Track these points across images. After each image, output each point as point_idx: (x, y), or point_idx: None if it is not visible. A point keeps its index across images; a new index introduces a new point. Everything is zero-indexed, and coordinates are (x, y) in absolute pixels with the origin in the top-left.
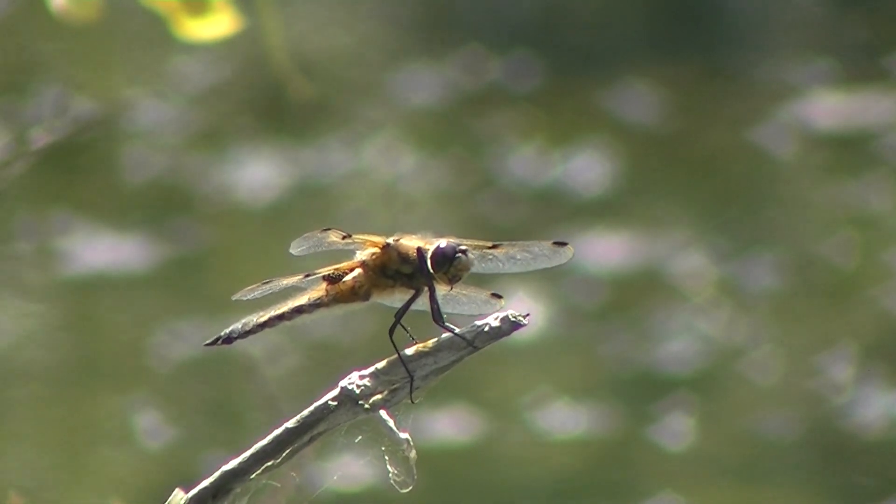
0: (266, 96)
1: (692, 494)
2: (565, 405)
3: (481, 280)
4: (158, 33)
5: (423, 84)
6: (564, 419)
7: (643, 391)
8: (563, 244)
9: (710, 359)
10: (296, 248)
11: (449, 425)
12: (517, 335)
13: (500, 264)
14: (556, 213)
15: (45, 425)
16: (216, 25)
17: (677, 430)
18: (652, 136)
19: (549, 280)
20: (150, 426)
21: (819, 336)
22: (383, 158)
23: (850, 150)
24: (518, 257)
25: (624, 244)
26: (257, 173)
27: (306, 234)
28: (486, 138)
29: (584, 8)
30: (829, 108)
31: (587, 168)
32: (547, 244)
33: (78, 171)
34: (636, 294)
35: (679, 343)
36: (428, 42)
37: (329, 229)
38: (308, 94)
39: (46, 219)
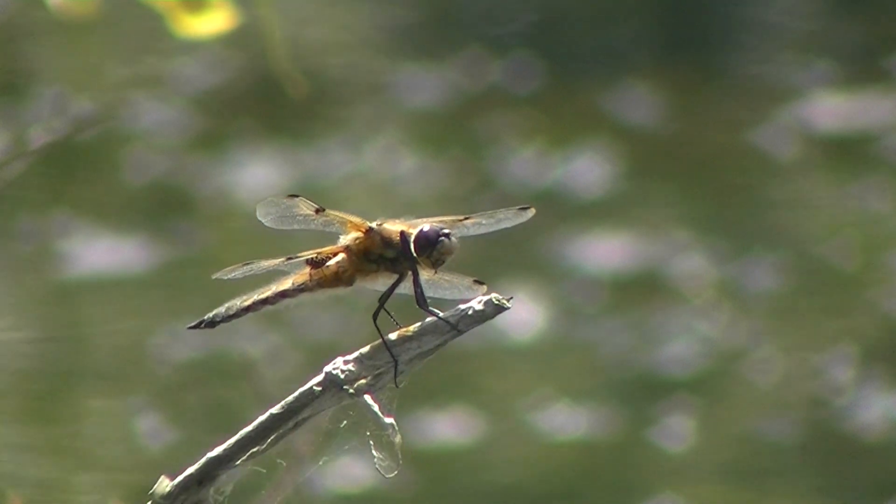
0: (266, 98)
1: (692, 496)
2: (565, 407)
3: (467, 267)
4: (158, 34)
5: (424, 85)
6: (564, 421)
7: (643, 393)
8: (526, 208)
9: (710, 360)
10: (263, 215)
11: (449, 427)
12: (517, 335)
13: (466, 229)
14: (556, 214)
15: (44, 426)
16: (214, 22)
17: (677, 431)
18: (652, 137)
19: (549, 281)
20: (150, 427)
21: (819, 338)
22: (383, 160)
23: (850, 152)
24: (483, 222)
25: (624, 246)
26: (257, 175)
27: (270, 199)
28: (486, 140)
29: (585, 9)
30: (830, 109)
31: (587, 170)
32: (512, 210)
33: (78, 171)
34: (636, 295)
35: (679, 344)
36: (428, 43)
37: (296, 196)
38: (306, 92)
39: (46, 220)
